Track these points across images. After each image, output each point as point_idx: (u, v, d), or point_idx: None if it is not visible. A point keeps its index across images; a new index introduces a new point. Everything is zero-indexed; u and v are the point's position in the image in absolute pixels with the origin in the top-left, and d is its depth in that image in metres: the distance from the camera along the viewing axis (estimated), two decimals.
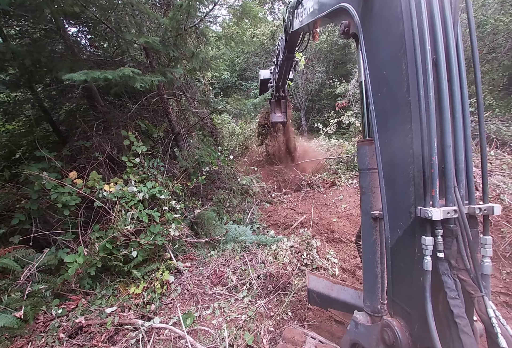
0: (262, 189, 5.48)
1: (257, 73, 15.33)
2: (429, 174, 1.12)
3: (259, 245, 3.66)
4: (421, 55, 1.14)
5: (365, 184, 1.59)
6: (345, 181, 5.70)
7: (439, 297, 1.16)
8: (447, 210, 1.09)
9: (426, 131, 1.12)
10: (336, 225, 4.16)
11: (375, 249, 1.57)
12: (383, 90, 1.33)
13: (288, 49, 4.05)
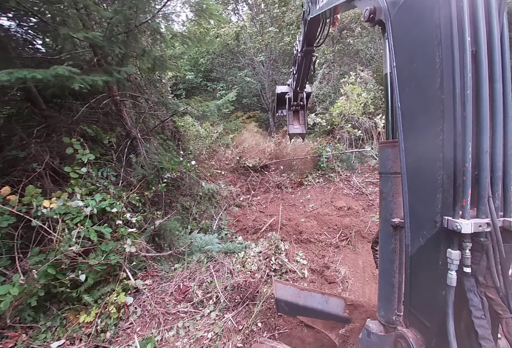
0: (231, 192, 5.31)
1: (222, 73, 15.17)
2: (461, 182, 1.00)
3: (227, 253, 3.49)
4: (459, 47, 0.99)
5: (386, 189, 1.47)
6: (312, 180, 5.78)
7: (462, 314, 1.05)
8: (478, 222, 0.97)
9: (460, 134, 0.99)
10: (304, 225, 4.15)
11: (393, 258, 1.46)
12: (411, 85, 1.18)
13: (307, 40, 3.58)
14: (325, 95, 9.73)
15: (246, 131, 8.92)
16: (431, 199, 1.10)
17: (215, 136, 7.48)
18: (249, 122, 11.01)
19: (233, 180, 5.97)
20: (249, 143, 7.80)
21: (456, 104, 1.00)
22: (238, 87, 12.93)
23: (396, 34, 1.24)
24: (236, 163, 6.39)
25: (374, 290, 3.20)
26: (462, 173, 0.99)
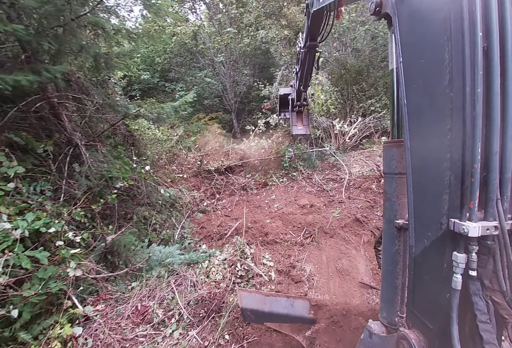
0: (194, 198, 5.07)
1: (181, 74, 14.57)
2: (469, 183, 0.96)
3: (190, 265, 3.29)
4: (469, 42, 0.92)
5: (390, 189, 1.43)
6: (276, 180, 5.84)
7: (466, 318, 1.03)
8: (486, 225, 0.94)
9: (469, 134, 0.94)
10: (269, 226, 4.14)
11: (396, 260, 1.43)
12: (419, 82, 1.12)
13: (310, 35, 3.40)
14: None
15: (208, 133, 8.68)
16: (437, 200, 1.06)
17: (175, 139, 7.11)
18: (211, 123, 10.74)
19: (196, 185, 5.73)
20: (212, 146, 7.59)
21: (465, 102, 0.95)
22: (199, 88, 12.55)
23: (403, 28, 1.17)
24: (199, 167, 6.14)
25: (338, 284, 3.32)
26: (471, 174, 0.95)
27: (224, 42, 12.88)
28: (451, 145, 1.00)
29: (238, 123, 12.91)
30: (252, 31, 12.64)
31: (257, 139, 7.46)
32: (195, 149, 7.28)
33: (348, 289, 3.28)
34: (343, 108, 9.38)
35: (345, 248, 3.90)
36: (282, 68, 10.76)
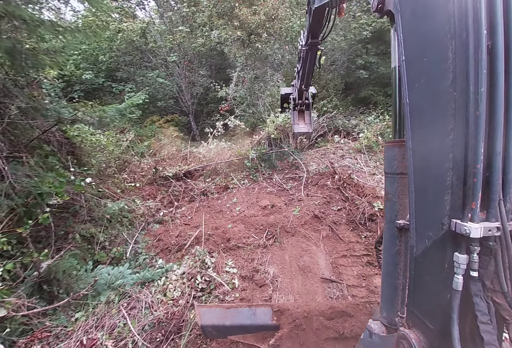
0: (149, 208, 4.69)
1: (130, 73, 13.50)
2: (471, 184, 0.94)
3: (144, 284, 3.00)
4: (473, 41, 0.89)
5: (392, 190, 1.40)
6: (238, 182, 5.76)
7: (467, 318, 1.02)
8: (488, 226, 0.92)
9: (472, 134, 0.92)
10: (231, 231, 4.04)
11: (397, 260, 1.41)
12: (421, 81, 1.08)
13: (312, 32, 3.30)
14: (242, 98, 9.94)
15: (164, 137, 8.18)
16: (439, 200, 1.04)
17: (125, 145, 6.51)
18: (167, 126, 10.17)
19: (151, 193, 5.32)
20: (169, 150, 7.18)
21: (469, 102, 0.92)
22: (151, 89, 11.78)
23: (406, 26, 1.13)
24: (154, 174, 5.72)
25: (301, 282, 3.37)
26: (473, 175, 0.93)
27: (176, 41, 12.33)
28: (454, 146, 0.98)
29: (197, 126, 12.50)
30: (206, 31, 12.36)
31: (216, 142, 7.28)
32: (149, 154, 6.79)
33: (310, 286, 3.35)
34: None
35: (306, 245, 4.00)
36: (238, 69, 10.73)
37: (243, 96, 9.90)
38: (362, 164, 6.49)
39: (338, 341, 2.25)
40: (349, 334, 2.29)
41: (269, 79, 9.85)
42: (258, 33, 10.32)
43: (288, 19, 10.46)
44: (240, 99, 10.01)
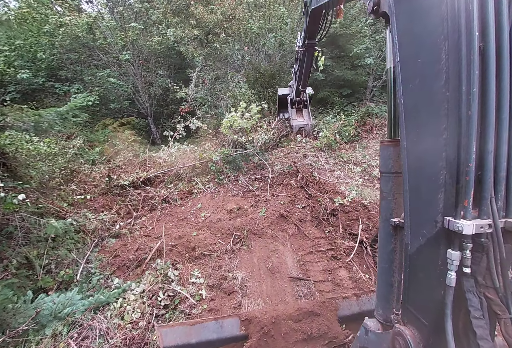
0: (103, 222, 4.26)
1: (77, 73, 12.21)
2: (464, 182, 0.96)
3: (98, 308, 2.70)
4: (466, 42, 0.91)
5: (387, 188, 1.43)
6: (202, 186, 5.57)
7: (460, 314, 1.03)
8: (480, 223, 0.94)
9: (464, 133, 0.94)
10: (197, 239, 3.87)
11: (392, 258, 1.43)
12: (415, 82, 1.10)
13: (309, 33, 3.35)
14: (203, 99, 9.68)
15: (119, 142, 7.55)
16: (433, 198, 1.06)
17: (71, 152, 5.84)
18: (122, 130, 9.42)
19: (106, 204, 4.84)
20: (125, 156, 6.65)
21: (461, 102, 0.94)
22: (102, 90, 10.82)
23: (400, 27, 1.15)
24: (107, 183, 5.22)
25: (270, 284, 3.37)
26: (465, 173, 0.95)
27: (129, 38, 11.50)
28: (447, 145, 1.01)
29: (157, 129, 11.83)
30: (163, 29, 11.74)
31: (178, 145, 6.96)
32: (102, 162, 6.19)
33: (279, 287, 3.37)
34: (262, 110, 9.88)
35: (274, 246, 4.02)
36: (197, 69, 10.43)
37: (204, 97, 9.65)
38: (323, 161, 6.80)
39: (306, 342, 2.28)
40: (317, 334, 2.34)
41: (230, 80, 9.76)
42: (216, 33, 10.16)
43: (246, 21, 10.48)
44: (201, 100, 9.74)
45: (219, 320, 2.16)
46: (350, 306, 2.68)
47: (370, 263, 3.82)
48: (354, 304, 2.71)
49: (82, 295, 2.83)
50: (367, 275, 3.56)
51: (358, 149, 7.61)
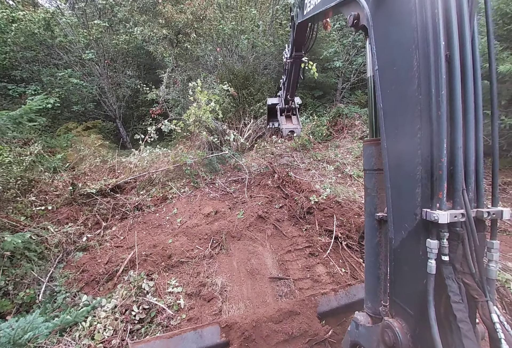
0: (67, 234, 3.93)
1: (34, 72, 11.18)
2: (437, 176, 1.05)
3: (65, 330, 2.48)
4: (434, 51, 1.04)
5: (370, 184, 1.52)
6: (177, 191, 5.39)
7: (442, 300, 1.09)
8: (454, 213, 1.03)
9: (436, 132, 1.04)
10: (172, 246, 3.74)
11: (378, 251, 1.50)
12: (392, 87, 1.23)
13: (296, 45, 3.48)
14: (175, 100, 9.39)
15: (84, 147, 7.04)
16: (412, 193, 1.15)
17: (29, 160, 5.32)
18: (87, 134, 8.81)
19: (71, 215, 4.48)
20: (91, 162, 6.22)
21: (431, 104, 1.05)
22: (63, 91, 10.03)
23: (377, 38, 1.29)
24: (72, 192, 4.84)
25: (250, 287, 3.36)
26: (438, 168, 1.04)
27: (93, 36, 10.79)
28: (421, 143, 1.10)
29: (127, 132, 11.24)
30: (130, 27, 11.17)
31: (149, 149, 6.67)
32: (65, 169, 5.73)
33: (260, 288, 3.37)
34: (237, 112, 9.82)
35: (253, 247, 4.02)
36: (168, 70, 10.10)
37: (177, 99, 9.36)
38: (298, 161, 6.96)
39: (288, 342, 2.30)
40: (298, 333, 2.37)
41: (203, 81, 9.57)
42: (186, 33, 9.92)
43: (218, 21, 10.37)
44: (173, 102, 9.43)
45: (198, 330, 2.10)
46: (329, 301, 2.76)
47: (345, 257, 3.98)
48: (332, 299, 2.79)
49: (45, 317, 2.58)
50: (343, 269, 3.70)
51: (330, 148, 7.91)
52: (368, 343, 1.46)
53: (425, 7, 1.07)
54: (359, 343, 1.54)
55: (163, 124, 6.66)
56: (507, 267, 3.36)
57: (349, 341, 1.62)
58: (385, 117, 1.28)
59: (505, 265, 3.41)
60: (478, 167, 1.13)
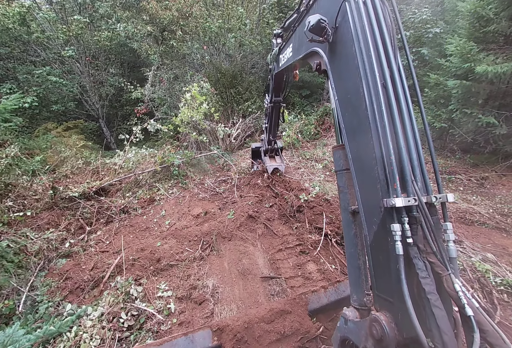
0: (49, 240, 3.75)
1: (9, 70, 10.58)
2: (390, 171, 1.31)
3: (48, 341, 2.35)
4: (371, 81, 1.43)
5: (342, 183, 1.79)
6: (165, 192, 5.27)
7: (414, 282, 1.24)
8: (407, 198, 1.24)
9: (382, 137, 1.35)
10: (161, 249, 3.64)
11: (355, 242, 1.68)
12: (349, 110, 1.62)
13: (275, 92, 4.19)
14: (161, 99, 9.17)
15: (65, 148, 6.74)
16: (374, 189, 1.39)
17: (4, 163, 5.03)
18: (68, 135, 8.44)
19: (52, 220, 4.27)
20: (73, 164, 5.96)
21: (376, 118, 1.38)
22: (41, 90, 9.56)
23: (335, 77, 1.74)
24: (52, 196, 4.62)
25: (242, 288, 3.33)
26: (390, 164, 1.31)
27: (72, 32, 10.31)
28: (374, 147, 1.39)
29: (111, 132, 10.87)
30: (112, 23, 10.76)
31: (135, 149, 6.48)
32: (45, 172, 5.45)
33: (252, 288, 3.36)
34: (225, 111, 9.73)
35: (244, 247, 3.99)
36: (154, 68, 9.85)
37: (163, 98, 9.14)
38: (287, 160, 6.98)
39: (280, 341, 2.30)
40: (290, 331, 2.37)
41: (190, 80, 9.41)
42: (172, 30, 9.71)
43: (204, 19, 10.20)
44: (159, 101, 9.21)
45: (189, 335, 2.05)
46: (319, 298, 2.80)
47: (335, 253, 4.03)
48: (322, 296, 2.83)
49: (27, 329, 2.44)
50: (333, 266, 3.75)
51: (318, 147, 7.99)
52: (357, 337, 1.50)
53: (362, 52, 1.47)
54: (348, 338, 1.58)
55: (149, 124, 6.50)
56: (487, 258, 3.53)
57: (339, 337, 1.66)
58: (347, 133, 1.64)
59: (484, 256, 3.58)
60: (421, 162, 1.40)
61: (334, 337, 1.73)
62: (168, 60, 10.00)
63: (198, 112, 5.82)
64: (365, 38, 1.47)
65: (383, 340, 1.27)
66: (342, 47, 1.63)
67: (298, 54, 2.40)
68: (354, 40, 1.51)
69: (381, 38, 1.47)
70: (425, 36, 8.55)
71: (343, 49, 1.62)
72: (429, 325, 1.16)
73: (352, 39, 1.52)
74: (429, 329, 1.16)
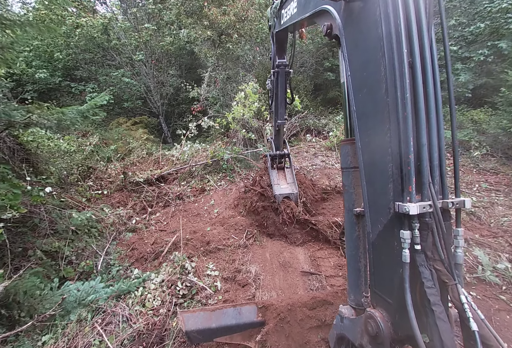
0: (120, 216, 4.41)
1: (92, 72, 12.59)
2: (406, 171, 1.14)
3: (120, 297, 2.82)
4: (398, 58, 1.14)
5: (348, 182, 1.61)
6: (214, 184, 5.68)
7: (416, 287, 1.18)
8: (423, 204, 1.11)
9: (403, 131, 1.13)
10: (211, 234, 3.97)
11: (357, 244, 1.58)
12: (363, 91, 1.32)
13: (278, 53, 3.50)
14: (214, 99, 9.81)
15: (133, 140, 7.75)
16: (385, 188, 1.24)
17: (88, 149, 6.05)
18: (135, 129, 9.65)
19: (122, 200, 5.01)
20: (138, 154, 6.83)
21: (398, 106, 1.14)
22: (116, 89, 11.11)
23: (349, 47, 1.38)
24: (123, 180, 5.39)
25: (282, 278, 3.44)
26: (407, 164, 1.14)
27: (142, 39, 11.76)
28: (391, 142, 1.19)
29: (168, 127, 12.04)
30: (174, 29, 11.94)
31: (190, 144, 7.10)
32: (117, 159, 6.38)
33: (292, 281, 3.44)
34: None
35: (284, 242, 4.08)
36: (209, 69, 10.57)
37: (216, 97, 9.77)
38: (333, 161, 6.81)
39: (321, 328, 2.33)
40: (331, 321, 2.39)
41: (241, 80, 9.86)
42: (228, 34, 10.28)
43: (258, 21, 10.57)
44: (212, 100, 9.87)
45: (237, 307, 2.25)
46: None
47: None
48: None
49: (104, 284, 2.97)
50: None
51: None
52: (353, 334, 1.49)
53: (389, 18, 1.15)
54: (344, 335, 1.58)
55: (203, 121, 7.05)
56: None
57: (335, 334, 1.66)
58: (358, 119, 1.37)
59: None
60: (442, 162, 1.21)
61: (330, 334, 1.74)
62: (222, 62, 10.63)
63: (250, 110, 6.09)
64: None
65: (378, 337, 1.26)
66: (362, 9, 1.27)
67: (305, 12, 1.92)
68: (380, 0, 1.15)
69: (414, 3, 1.15)
70: (504, 28, 7.39)
71: (363, 12, 1.26)
72: (431, 336, 1.11)
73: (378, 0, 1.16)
74: (430, 339, 1.11)
